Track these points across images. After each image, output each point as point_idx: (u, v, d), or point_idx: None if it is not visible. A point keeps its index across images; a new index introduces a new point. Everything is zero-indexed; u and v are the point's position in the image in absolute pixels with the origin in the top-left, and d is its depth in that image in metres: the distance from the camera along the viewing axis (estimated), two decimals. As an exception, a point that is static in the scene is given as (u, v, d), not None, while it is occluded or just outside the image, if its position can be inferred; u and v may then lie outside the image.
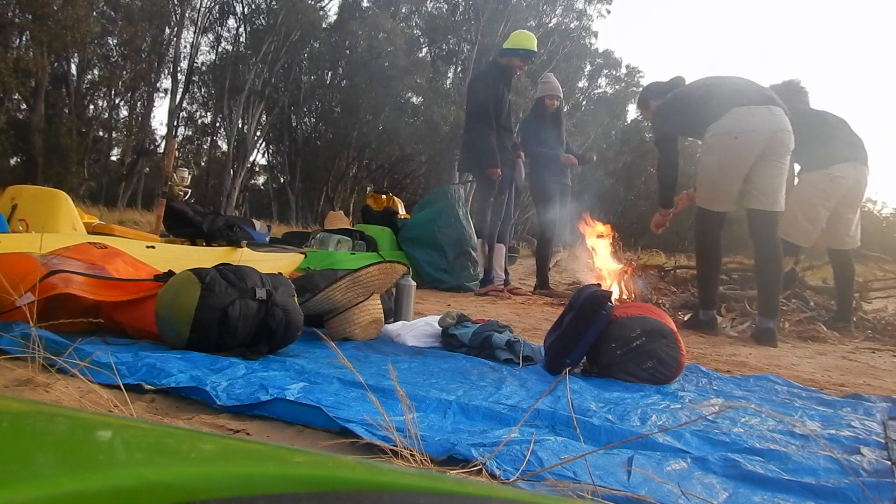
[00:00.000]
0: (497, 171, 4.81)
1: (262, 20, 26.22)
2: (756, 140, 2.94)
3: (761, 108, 2.95)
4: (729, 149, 2.99)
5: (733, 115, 2.97)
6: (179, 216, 3.71)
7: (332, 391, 1.40)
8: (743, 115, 2.95)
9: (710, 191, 3.16)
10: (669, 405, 1.54)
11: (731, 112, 2.97)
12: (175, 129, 27.11)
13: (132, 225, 9.08)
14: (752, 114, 2.94)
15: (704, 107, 3.08)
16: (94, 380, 1.27)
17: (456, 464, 1.02)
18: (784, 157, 3.02)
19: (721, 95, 3.04)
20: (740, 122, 2.95)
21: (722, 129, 2.99)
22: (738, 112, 2.96)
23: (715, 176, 3.10)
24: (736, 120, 2.96)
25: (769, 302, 3.08)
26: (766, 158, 2.99)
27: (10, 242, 2.30)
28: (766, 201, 3.03)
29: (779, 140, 2.96)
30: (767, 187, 3.02)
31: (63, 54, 22.71)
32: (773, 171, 3.00)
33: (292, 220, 24.62)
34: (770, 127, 2.94)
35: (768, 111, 2.95)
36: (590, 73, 30.83)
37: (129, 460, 0.33)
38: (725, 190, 3.08)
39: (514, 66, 5.07)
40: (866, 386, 2.17)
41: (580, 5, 28.48)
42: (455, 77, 27.80)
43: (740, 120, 2.95)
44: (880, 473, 1.11)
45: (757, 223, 3.08)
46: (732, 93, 3.01)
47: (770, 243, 3.07)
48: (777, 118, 2.96)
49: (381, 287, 2.27)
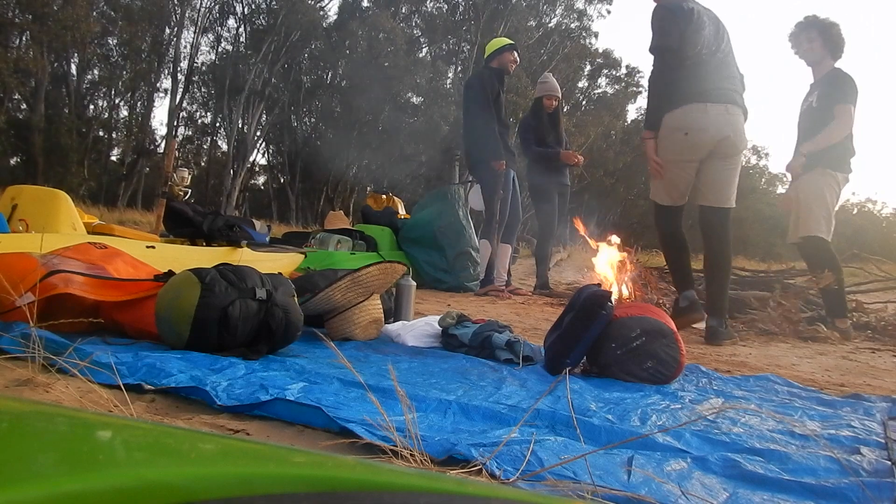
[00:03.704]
0: (502, 163, 4.81)
1: (262, 20, 26.23)
2: (705, 139, 2.96)
3: (717, 106, 2.95)
4: (678, 144, 3.02)
5: (687, 111, 2.97)
6: (179, 216, 3.71)
7: (332, 391, 1.40)
8: (697, 112, 2.95)
9: (658, 183, 3.17)
10: (669, 405, 1.54)
11: (687, 106, 2.97)
12: (175, 129, 27.13)
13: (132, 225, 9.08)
14: (707, 112, 2.94)
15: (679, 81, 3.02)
16: (94, 380, 1.26)
17: (456, 464, 1.02)
18: (734, 157, 3.03)
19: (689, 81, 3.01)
20: (693, 120, 2.96)
21: (674, 123, 3.02)
22: (693, 108, 2.96)
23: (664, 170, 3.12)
24: (690, 116, 2.97)
25: (716, 299, 3.04)
26: (716, 157, 3.00)
27: (10, 242, 2.30)
28: (716, 198, 3.04)
29: (729, 142, 2.97)
30: (717, 185, 3.03)
31: (63, 54, 22.72)
32: (724, 168, 3.01)
33: (292, 220, 24.63)
34: (721, 129, 2.94)
35: (725, 111, 2.95)
36: (590, 73, 30.81)
37: (129, 460, 0.33)
38: (673, 184, 3.09)
39: (507, 61, 5.10)
40: (866, 386, 2.17)
41: (580, 5, 28.51)
42: (455, 77, 27.78)
43: (694, 117, 2.96)
44: (880, 473, 1.11)
45: (707, 220, 3.09)
46: (699, 81, 2.99)
47: (720, 240, 3.07)
48: (731, 119, 2.95)
49: (381, 287, 2.27)
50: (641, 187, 28.78)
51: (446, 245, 5.25)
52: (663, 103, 3.08)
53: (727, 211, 3.08)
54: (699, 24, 3.03)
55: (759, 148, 32.35)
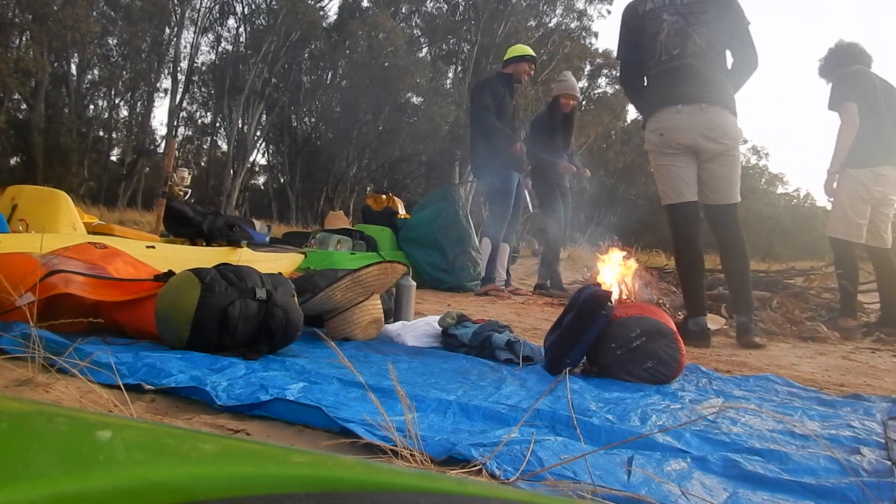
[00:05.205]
0: (518, 145, 4.79)
1: (262, 20, 26.20)
2: (678, 134, 2.96)
3: (690, 106, 2.93)
4: (657, 145, 3.05)
5: (661, 115, 3.00)
6: (179, 216, 3.71)
7: (332, 391, 1.40)
8: (669, 115, 2.97)
9: (662, 186, 3.16)
10: (669, 405, 1.54)
11: (661, 111, 3.00)
12: (175, 129, 27.11)
13: (132, 225, 9.07)
14: (679, 112, 2.95)
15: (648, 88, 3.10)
16: (94, 380, 1.26)
17: (456, 464, 1.02)
18: (724, 154, 2.97)
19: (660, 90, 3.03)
20: (666, 121, 2.98)
21: (651, 126, 3.06)
22: (666, 112, 2.98)
23: (658, 172, 3.14)
24: (663, 118, 2.99)
25: (741, 297, 3.03)
26: (705, 158, 2.99)
27: (10, 242, 2.29)
28: (718, 196, 3.04)
29: (706, 139, 2.93)
30: (717, 183, 3.02)
31: (63, 54, 22.71)
32: (718, 167, 3.00)
33: (292, 220, 24.60)
34: (693, 126, 2.93)
35: (698, 109, 2.92)
36: (590, 73, 30.80)
37: (129, 460, 0.33)
38: (671, 183, 3.09)
39: (523, 71, 5.14)
40: (866, 386, 2.17)
41: (580, 5, 28.47)
42: (455, 77, 27.78)
43: (667, 118, 2.98)
44: (880, 473, 1.11)
45: (715, 219, 3.09)
46: (669, 89, 2.99)
47: (732, 237, 3.05)
48: (704, 117, 2.92)
49: (381, 287, 2.27)
50: (641, 187, 28.79)
51: (446, 245, 5.25)
52: (644, 110, 3.14)
53: (733, 206, 3.06)
54: (655, 27, 3.00)
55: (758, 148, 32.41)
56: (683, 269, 3.14)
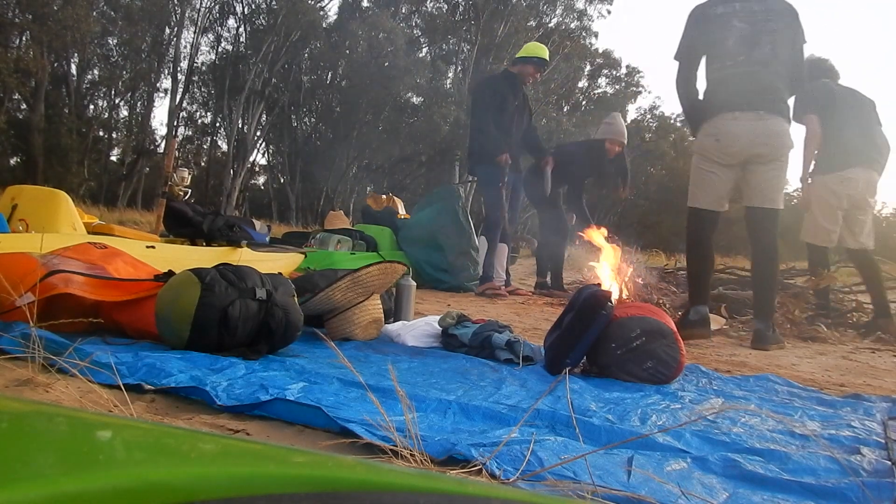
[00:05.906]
0: (504, 156, 4.76)
1: (262, 20, 26.20)
2: (735, 144, 2.98)
3: (748, 113, 2.96)
4: (711, 150, 3.06)
5: (718, 120, 3.01)
6: (179, 216, 3.71)
7: (332, 391, 1.40)
8: (726, 121, 2.99)
9: (695, 188, 3.17)
10: (669, 405, 1.54)
11: (718, 116, 3.01)
12: (175, 129, 27.09)
13: (132, 225, 9.08)
14: (737, 119, 2.97)
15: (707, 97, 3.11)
16: (94, 380, 1.26)
17: (456, 464, 1.02)
18: (776, 160, 3.01)
19: (720, 94, 3.04)
20: (723, 127, 3.00)
21: (707, 130, 3.07)
22: (724, 117, 3.00)
23: (699, 174, 3.14)
24: (720, 124, 3.01)
25: (763, 303, 3.05)
26: (757, 161, 3.00)
27: (10, 242, 2.29)
28: (762, 199, 3.04)
29: (763, 146, 2.96)
30: (763, 186, 3.02)
31: (63, 54, 22.71)
32: (767, 171, 3.01)
33: (292, 220, 24.60)
34: (751, 135, 2.95)
35: (756, 117, 2.95)
36: (590, 73, 30.82)
37: (129, 460, 0.33)
38: (707, 190, 3.10)
39: (528, 73, 5.08)
40: (866, 386, 2.17)
41: (580, 5, 28.48)
42: (455, 77, 27.78)
43: (724, 125, 3.00)
44: (880, 473, 1.11)
45: (754, 221, 3.09)
46: (730, 94, 3.01)
47: (766, 242, 3.06)
48: (763, 125, 2.95)
49: (381, 287, 2.27)
50: (641, 187, 28.77)
51: (446, 245, 5.25)
52: (697, 112, 3.13)
53: (775, 212, 3.06)
54: (723, 32, 3.01)
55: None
56: (691, 262, 3.25)
